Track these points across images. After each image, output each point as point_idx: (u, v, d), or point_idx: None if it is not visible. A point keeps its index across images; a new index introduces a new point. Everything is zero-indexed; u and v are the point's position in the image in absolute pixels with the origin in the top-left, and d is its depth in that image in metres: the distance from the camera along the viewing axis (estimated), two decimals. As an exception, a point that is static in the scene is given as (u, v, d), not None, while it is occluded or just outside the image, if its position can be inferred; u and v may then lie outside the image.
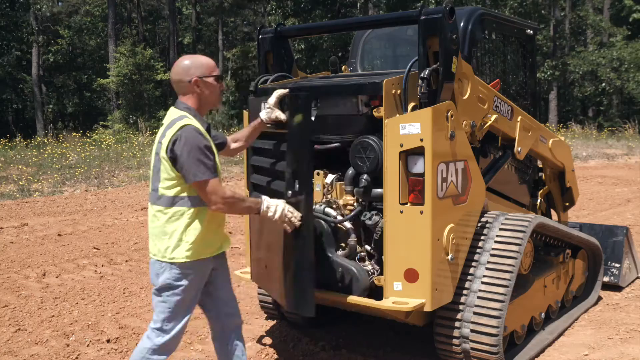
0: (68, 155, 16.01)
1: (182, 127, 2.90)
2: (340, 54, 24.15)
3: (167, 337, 3.06)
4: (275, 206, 3.08)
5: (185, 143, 2.86)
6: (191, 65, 3.03)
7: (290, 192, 3.23)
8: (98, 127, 26.13)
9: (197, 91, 3.04)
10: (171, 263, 2.98)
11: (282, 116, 3.45)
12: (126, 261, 6.98)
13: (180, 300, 3.03)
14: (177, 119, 2.96)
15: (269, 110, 3.48)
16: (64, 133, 23.76)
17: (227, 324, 3.31)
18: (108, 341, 4.63)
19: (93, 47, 37.02)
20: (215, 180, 2.91)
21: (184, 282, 3.01)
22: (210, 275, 3.18)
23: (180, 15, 40.60)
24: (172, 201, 2.96)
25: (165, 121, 3.04)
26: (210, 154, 2.91)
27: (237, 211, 3.07)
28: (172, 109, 3.10)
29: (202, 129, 2.96)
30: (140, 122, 23.07)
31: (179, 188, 2.94)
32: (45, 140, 19.64)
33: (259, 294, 4.84)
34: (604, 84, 29.96)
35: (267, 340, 4.61)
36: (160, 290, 3.04)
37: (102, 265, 6.78)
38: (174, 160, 2.89)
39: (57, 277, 6.34)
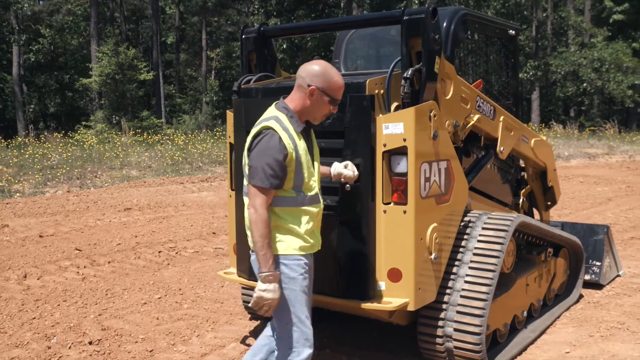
0: (50, 156, 15.85)
1: (265, 128, 2.92)
2: (323, 54, 24.17)
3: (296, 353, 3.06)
4: (274, 288, 2.90)
5: (261, 144, 2.89)
6: (321, 74, 3.00)
7: (348, 185, 3.47)
8: (80, 128, 25.92)
9: (307, 98, 3.02)
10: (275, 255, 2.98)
11: (350, 174, 3.40)
12: (109, 262, 6.92)
13: (290, 292, 3.01)
14: (266, 119, 2.98)
15: (338, 167, 3.42)
16: (46, 133, 23.52)
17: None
18: (90, 343, 4.58)
19: (75, 47, 36.72)
20: (269, 192, 2.89)
21: (289, 274, 3.00)
22: None
23: (164, 15, 40.38)
24: None
25: (262, 116, 3.08)
26: (277, 168, 2.87)
27: (253, 231, 2.92)
28: (271, 106, 3.13)
29: (287, 140, 2.91)
30: (123, 123, 22.92)
31: None
32: (27, 141, 19.42)
33: (243, 294, 4.83)
34: (585, 84, 30.31)
35: (251, 341, 4.60)
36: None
37: (85, 267, 6.72)
38: (248, 156, 2.97)
39: (38, 279, 6.27)
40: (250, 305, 3.00)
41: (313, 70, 3.01)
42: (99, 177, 14.13)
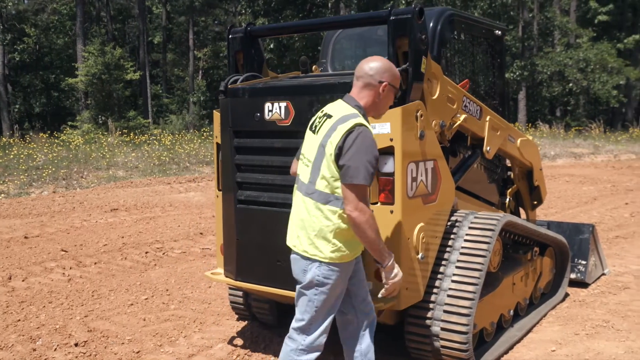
0: (35, 156, 15.71)
1: (358, 125, 2.86)
2: (311, 54, 24.16)
3: (311, 337, 3.09)
4: (398, 269, 3.04)
5: (358, 142, 2.82)
6: (388, 69, 3.03)
7: None
8: (66, 128, 25.69)
9: (378, 95, 3.03)
10: (320, 261, 2.95)
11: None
12: (95, 263, 6.88)
13: (326, 299, 3.01)
14: (350, 115, 2.92)
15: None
16: (31, 133, 23.28)
17: (362, 321, 3.27)
18: (76, 345, 4.55)
19: (61, 46, 36.41)
20: (367, 190, 2.89)
21: (331, 281, 2.98)
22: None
23: (150, 15, 40.17)
24: (327, 199, 2.92)
25: (333, 113, 2.99)
26: (376, 165, 2.88)
27: (366, 232, 2.86)
28: (340, 102, 3.06)
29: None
30: (109, 123, 22.76)
31: (335, 186, 2.90)
32: (12, 141, 19.22)
33: (230, 294, 4.82)
34: (571, 84, 30.53)
35: (239, 341, 4.59)
36: (306, 288, 3.03)
37: (71, 268, 6.67)
38: (338, 156, 2.84)
39: (23, 281, 6.21)
40: (383, 294, 3.06)
41: (380, 66, 3.02)
42: (85, 178, 14.03)
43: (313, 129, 3.07)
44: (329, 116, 2.99)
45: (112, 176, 14.30)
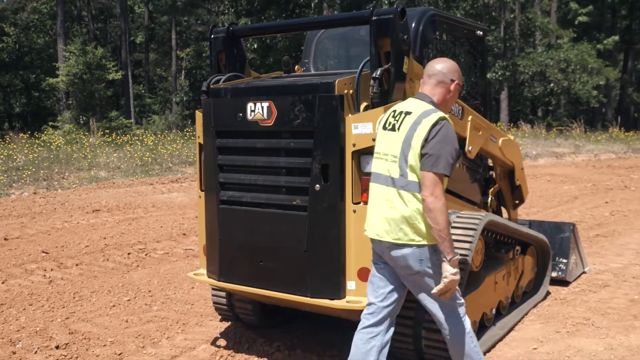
0: (15, 157, 15.53)
1: (441, 119, 3.08)
2: (294, 54, 24.14)
3: (462, 308, 3.26)
4: (457, 269, 3.08)
5: (442, 133, 3.03)
6: (457, 69, 3.29)
7: (318, 185, 3.52)
8: (47, 128, 25.43)
9: (449, 94, 3.25)
10: (433, 245, 3.10)
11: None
12: (77, 265, 6.81)
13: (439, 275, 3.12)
14: (431, 110, 3.13)
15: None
16: (11, 134, 23.03)
17: (396, 312, 3.40)
18: (57, 347, 4.51)
19: (41, 46, 36.06)
20: (445, 180, 3.06)
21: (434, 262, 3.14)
22: None
23: (132, 14, 39.88)
24: (418, 188, 3.08)
25: (412, 109, 3.18)
26: (456, 158, 3.09)
27: (438, 219, 2.99)
28: (413, 100, 3.27)
29: None
30: (91, 123, 22.56)
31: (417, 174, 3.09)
32: (-9, 142, 19.01)
33: (213, 295, 4.80)
34: (552, 85, 30.81)
35: (222, 342, 4.57)
36: (435, 272, 3.12)
37: (52, 270, 6.61)
38: (423, 147, 3.04)
39: (2, 283, 6.14)
40: (437, 290, 3.09)
41: (451, 66, 3.27)
42: (66, 179, 13.89)
43: (391, 127, 3.21)
44: (408, 113, 3.17)
45: (94, 177, 14.18)
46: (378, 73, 3.55)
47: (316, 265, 3.65)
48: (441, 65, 3.26)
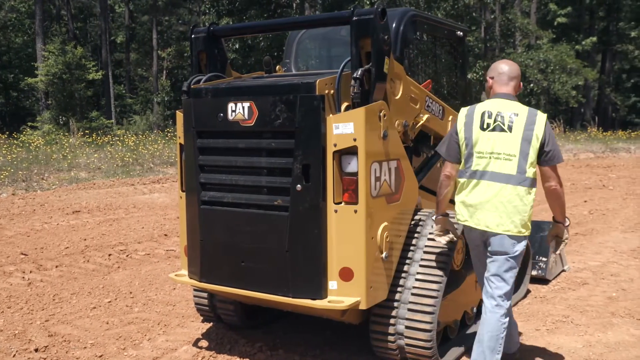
0: (-7, 158, 15.34)
1: (544, 116, 3.51)
2: (276, 54, 24.10)
3: (511, 301, 3.66)
4: None
5: (550, 129, 3.52)
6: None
7: (299, 185, 3.54)
8: (26, 128, 25.12)
9: (518, 90, 3.72)
10: (525, 237, 3.56)
11: (452, 236, 3.94)
12: (56, 266, 6.74)
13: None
14: (531, 109, 3.55)
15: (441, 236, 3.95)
16: (-11, 134, 22.72)
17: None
18: (36, 350, 4.46)
19: (19, 45, 35.57)
20: None
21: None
22: None
23: (113, 14, 39.55)
24: (533, 183, 3.50)
25: (517, 110, 3.54)
26: None
27: (562, 199, 3.65)
28: (506, 101, 3.60)
29: None
30: (71, 123, 22.32)
31: (534, 170, 3.50)
32: (-31, 142, 18.74)
33: (195, 296, 4.78)
34: (532, 85, 31.10)
35: (204, 343, 4.56)
36: (514, 259, 3.57)
37: (31, 272, 6.53)
38: (543, 144, 3.46)
39: (-19, 285, 6.06)
40: (561, 250, 3.81)
41: (519, 68, 3.76)
42: (45, 180, 13.74)
43: (497, 128, 3.52)
44: (516, 114, 3.52)
45: (74, 177, 14.05)
46: (359, 73, 3.56)
47: (298, 265, 3.65)
48: (516, 67, 3.71)
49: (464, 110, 3.69)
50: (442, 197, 3.83)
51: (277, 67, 4.99)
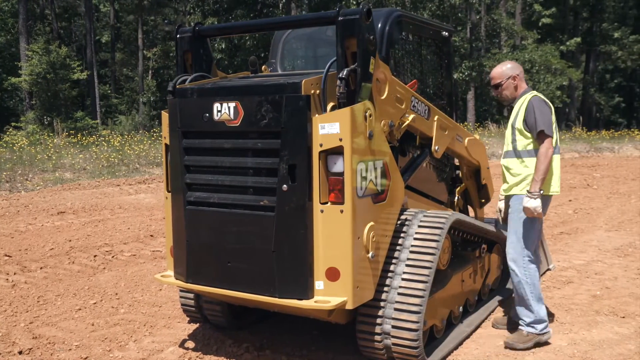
0: (-24, 159, 15.17)
1: None
2: (263, 54, 24.06)
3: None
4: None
5: None
6: None
7: (285, 185, 3.52)
8: (10, 129, 24.85)
9: None
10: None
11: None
12: (41, 268, 6.68)
13: None
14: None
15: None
16: (-28, 135, 22.47)
17: None
18: (20, 353, 4.41)
19: (2, 44, 35.19)
20: None
21: None
22: None
23: (98, 13, 39.24)
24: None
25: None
26: None
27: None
28: (529, 94, 4.46)
29: None
30: (56, 124, 22.12)
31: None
32: (-49, 143, 18.51)
33: (181, 297, 4.76)
34: (517, 85, 31.25)
35: (190, 344, 4.54)
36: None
37: (15, 273, 6.47)
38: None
39: (-36, 288, 5.99)
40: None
41: None
42: (30, 180, 13.62)
43: None
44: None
45: (58, 178, 13.93)
46: (344, 73, 3.56)
47: (284, 265, 3.64)
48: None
49: (542, 96, 4.41)
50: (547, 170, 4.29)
51: (263, 67, 4.99)
